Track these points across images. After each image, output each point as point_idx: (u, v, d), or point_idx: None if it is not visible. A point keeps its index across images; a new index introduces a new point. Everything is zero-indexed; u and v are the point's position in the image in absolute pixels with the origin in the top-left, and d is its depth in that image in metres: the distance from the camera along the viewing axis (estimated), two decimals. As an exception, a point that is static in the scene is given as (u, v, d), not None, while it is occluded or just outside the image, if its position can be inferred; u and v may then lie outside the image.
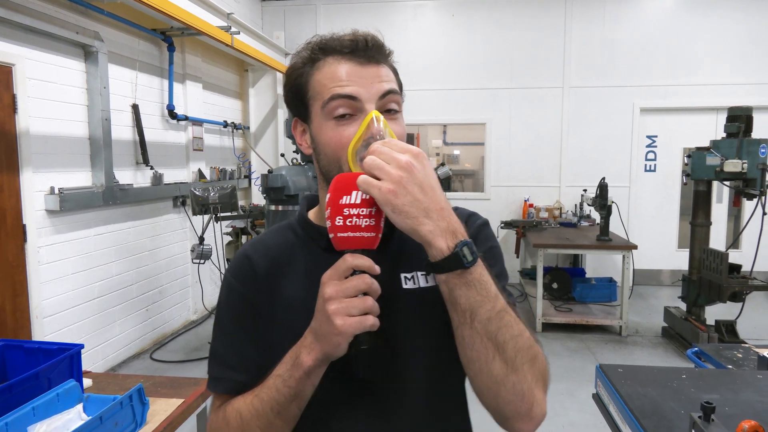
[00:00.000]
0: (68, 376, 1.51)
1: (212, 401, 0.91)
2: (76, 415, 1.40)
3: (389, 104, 0.82)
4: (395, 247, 0.89)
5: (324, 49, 0.82)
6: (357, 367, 0.75)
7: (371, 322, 0.68)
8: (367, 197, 0.69)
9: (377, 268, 0.70)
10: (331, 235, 0.71)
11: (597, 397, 1.66)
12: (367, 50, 0.81)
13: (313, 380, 0.76)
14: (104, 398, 1.45)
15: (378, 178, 0.67)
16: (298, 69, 0.85)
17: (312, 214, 0.95)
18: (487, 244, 0.92)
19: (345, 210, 0.69)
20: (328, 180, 0.83)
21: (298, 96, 0.86)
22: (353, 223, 0.69)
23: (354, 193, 0.69)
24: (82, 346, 1.56)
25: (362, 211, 0.69)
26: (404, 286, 0.87)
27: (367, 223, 0.69)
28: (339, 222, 0.69)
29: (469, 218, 0.95)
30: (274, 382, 0.77)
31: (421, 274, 0.88)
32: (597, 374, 1.65)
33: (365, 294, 0.69)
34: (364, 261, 0.69)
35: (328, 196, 0.71)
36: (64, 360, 1.50)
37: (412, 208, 0.67)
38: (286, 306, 0.86)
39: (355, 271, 0.69)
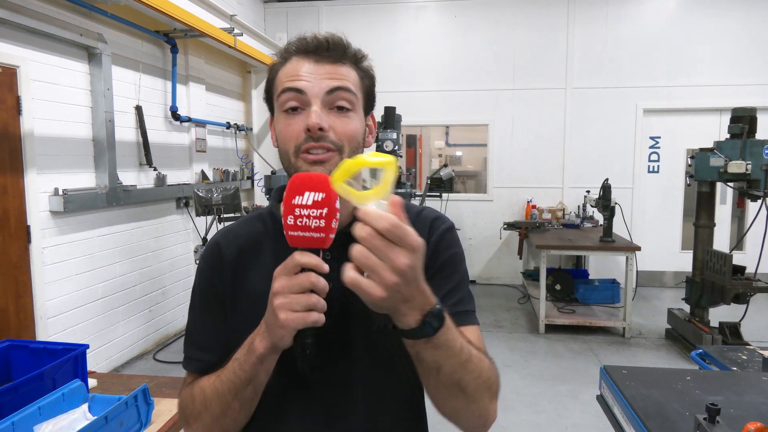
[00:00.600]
0: (73, 376, 1.51)
1: (185, 378, 0.97)
2: (82, 415, 1.41)
3: (338, 101, 0.84)
4: None
5: (292, 50, 0.88)
6: (303, 361, 0.76)
7: (314, 318, 0.70)
8: (319, 199, 0.70)
9: (325, 267, 0.71)
10: (285, 233, 0.73)
11: (601, 399, 1.66)
12: (327, 50, 0.85)
13: (267, 366, 0.79)
14: (109, 398, 1.46)
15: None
16: (271, 67, 0.91)
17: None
18: (450, 251, 0.95)
19: (296, 210, 0.71)
20: (285, 168, 0.89)
21: (268, 92, 0.91)
22: (303, 224, 0.70)
23: (306, 193, 0.70)
24: (87, 346, 1.56)
25: (312, 212, 0.70)
26: None
27: (316, 224, 0.70)
28: (290, 221, 0.71)
29: (434, 222, 0.97)
30: (232, 366, 0.81)
31: None
32: (601, 376, 1.65)
33: (312, 292, 0.71)
34: (311, 259, 0.70)
35: (284, 193, 0.73)
36: (69, 360, 1.50)
37: (395, 302, 0.67)
38: (250, 297, 0.90)
39: (304, 269, 0.71)
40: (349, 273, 0.65)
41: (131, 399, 1.40)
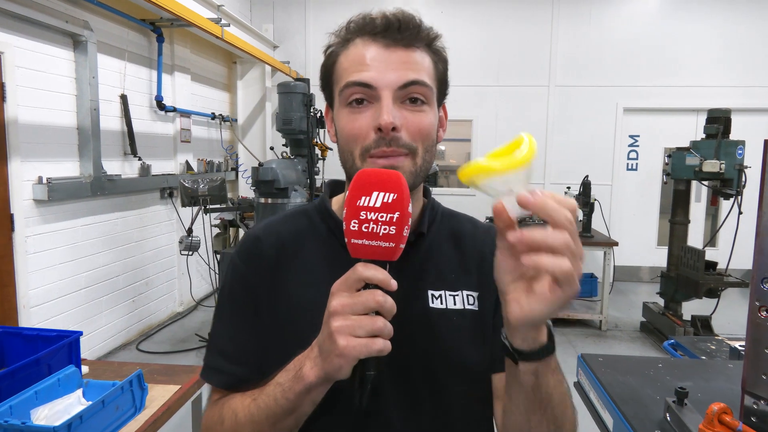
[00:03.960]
0: (67, 362, 1.54)
1: (210, 394, 0.84)
2: (76, 400, 1.44)
3: (411, 94, 0.73)
4: (421, 259, 0.82)
5: (355, 30, 0.76)
6: (361, 396, 0.63)
7: (379, 346, 0.59)
8: (390, 201, 0.60)
9: (393, 284, 0.60)
10: (345, 240, 0.62)
11: (578, 385, 1.74)
12: (398, 30, 0.72)
13: (314, 397, 0.67)
14: (103, 383, 1.49)
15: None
16: (329, 50, 0.79)
17: (335, 203, 0.87)
18: None
19: (362, 213, 0.60)
20: (346, 170, 0.78)
21: (326, 79, 0.79)
22: (370, 230, 0.60)
23: (375, 194, 0.60)
24: (80, 333, 1.59)
25: (381, 217, 0.60)
26: (431, 305, 0.79)
27: (385, 231, 0.60)
28: (354, 226, 0.61)
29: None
30: (274, 391, 0.69)
31: (449, 294, 0.81)
32: (578, 363, 1.73)
33: (378, 313, 0.60)
34: (378, 273, 0.59)
35: (346, 192, 0.65)
36: (64, 346, 1.53)
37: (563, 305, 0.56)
38: (290, 302, 0.79)
39: (369, 285, 0.60)
40: (563, 262, 0.53)
41: (126, 384, 1.43)
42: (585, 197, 4.98)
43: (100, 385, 1.49)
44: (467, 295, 0.81)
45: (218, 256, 4.34)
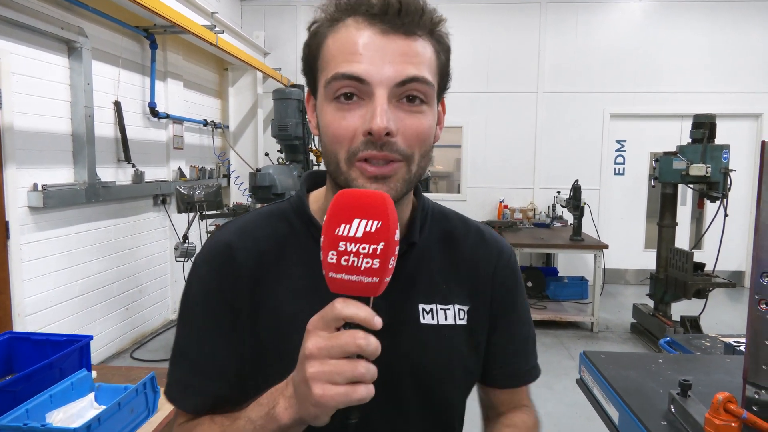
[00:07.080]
0: (78, 366, 1.55)
1: (177, 414, 0.77)
2: (89, 404, 1.44)
3: (409, 92, 0.63)
4: (412, 269, 0.75)
5: (346, 7, 0.64)
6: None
7: (360, 394, 0.51)
8: (373, 230, 0.52)
9: (377, 322, 0.52)
10: (323, 272, 0.54)
11: (581, 382, 1.78)
12: (398, 15, 0.62)
13: None
14: (115, 387, 1.50)
15: None
16: (314, 27, 0.69)
17: (314, 201, 0.78)
18: (522, 288, 0.88)
19: (341, 244, 0.52)
20: (329, 172, 0.69)
21: (309, 63, 0.69)
22: (350, 263, 0.52)
23: (356, 222, 0.52)
24: (90, 337, 1.60)
25: (363, 249, 0.52)
26: (422, 321, 0.74)
27: (368, 265, 0.52)
28: (332, 259, 0.52)
29: (504, 249, 0.87)
30: (245, 426, 0.62)
31: (441, 308, 0.76)
32: (581, 360, 1.77)
33: (360, 356, 0.52)
34: (360, 311, 0.52)
35: (325, 217, 0.55)
36: (75, 351, 1.54)
37: None
38: (273, 315, 0.72)
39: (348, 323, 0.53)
40: None
41: (140, 386, 1.44)
42: (575, 201, 5.06)
43: (111, 388, 1.50)
44: (458, 309, 0.77)
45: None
